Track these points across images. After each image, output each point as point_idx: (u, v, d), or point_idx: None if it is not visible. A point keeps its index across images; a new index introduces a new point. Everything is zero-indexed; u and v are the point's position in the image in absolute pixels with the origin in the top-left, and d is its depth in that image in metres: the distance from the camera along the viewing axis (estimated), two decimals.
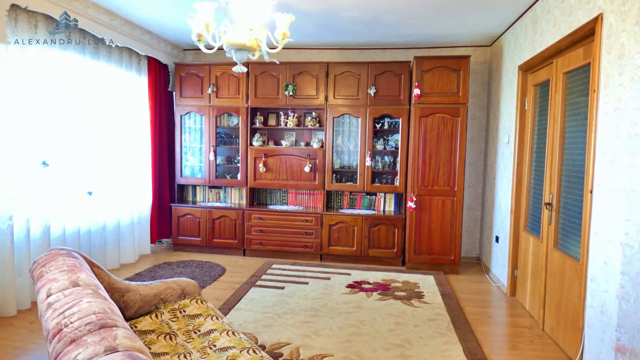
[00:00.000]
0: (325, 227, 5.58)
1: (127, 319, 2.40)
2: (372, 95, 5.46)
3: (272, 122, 6.04)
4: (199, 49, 6.21)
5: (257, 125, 5.93)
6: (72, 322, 1.49)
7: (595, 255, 2.83)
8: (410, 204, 5.23)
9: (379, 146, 5.66)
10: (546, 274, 3.67)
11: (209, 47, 4.69)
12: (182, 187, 6.27)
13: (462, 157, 5.15)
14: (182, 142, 6.06)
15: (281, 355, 3.05)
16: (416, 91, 5.13)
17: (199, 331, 2.40)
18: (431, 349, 3.23)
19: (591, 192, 2.90)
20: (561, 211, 3.49)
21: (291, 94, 5.63)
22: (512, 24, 4.72)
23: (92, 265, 2.29)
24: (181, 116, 6.00)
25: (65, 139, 4.29)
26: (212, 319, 2.52)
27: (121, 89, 5.10)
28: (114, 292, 2.36)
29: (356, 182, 5.71)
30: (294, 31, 5.01)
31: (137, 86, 5.41)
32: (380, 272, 5.15)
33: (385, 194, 5.84)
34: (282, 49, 3.40)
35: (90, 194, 4.67)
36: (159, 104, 5.79)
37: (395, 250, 5.47)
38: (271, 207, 5.94)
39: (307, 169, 5.66)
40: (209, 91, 5.81)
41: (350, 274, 5.03)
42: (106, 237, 4.97)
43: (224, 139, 6.11)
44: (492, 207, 5.33)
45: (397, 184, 5.62)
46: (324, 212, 5.63)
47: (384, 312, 3.92)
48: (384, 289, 4.54)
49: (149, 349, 2.18)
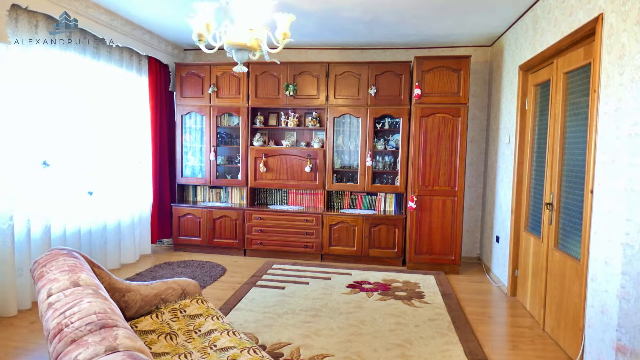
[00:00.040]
0: (325, 227, 5.58)
1: (127, 319, 2.40)
2: (373, 95, 5.46)
3: (272, 122, 6.04)
4: (200, 49, 6.22)
5: (258, 125, 5.93)
6: (72, 322, 1.49)
7: (595, 255, 2.83)
8: (410, 204, 5.23)
9: (380, 146, 5.66)
10: (547, 274, 3.67)
11: (210, 47, 4.69)
12: (183, 187, 6.28)
13: (463, 157, 5.15)
14: (183, 142, 6.07)
15: (282, 355, 3.05)
16: (417, 91, 5.13)
17: (200, 331, 2.40)
18: (432, 349, 3.23)
19: (592, 192, 2.90)
20: (562, 211, 3.49)
21: (292, 94, 5.63)
22: (513, 24, 4.72)
23: (92, 265, 2.29)
24: (182, 116, 6.01)
25: (65, 139, 4.30)
26: (212, 319, 2.53)
27: (122, 89, 5.10)
28: (114, 292, 2.36)
29: (357, 182, 5.71)
30: (294, 31, 5.01)
31: (137, 86, 5.41)
32: (380, 272, 5.15)
33: (385, 194, 5.84)
34: (283, 49, 3.40)
35: (90, 194, 4.68)
36: (160, 104, 5.80)
37: (395, 250, 5.47)
38: (272, 207, 5.94)
39: (307, 169, 5.66)
40: (210, 91, 5.81)
41: (350, 274, 5.03)
42: (107, 237, 4.97)
43: (224, 139, 6.11)
44: (492, 207, 5.32)
45: (397, 184, 5.62)
46: (324, 212, 5.64)
47: (385, 312, 3.92)
48: (385, 289, 4.54)
49: (150, 349, 2.18)
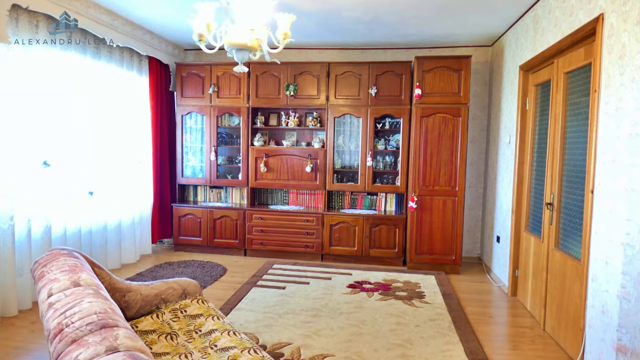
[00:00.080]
0: (326, 227, 5.58)
1: (128, 319, 2.40)
2: (373, 95, 5.46)
3: (273, 122, 6.04)
4: (200, 49, 6.22)
5: (258, 125, 5.93)
6: (73, 322, 1.49)
7: (596, 255, 2.83)
8: (411, 204, 5.23)
9: (380, 146, 5.66)
10: (547, 274, 3.67)
11: (210, 47, 4.69)
12: (183, 187, 6.28)
13: (463, 157, 5.14)
14: (183, 142, 6.07)
15: (282, 355, 3.05)
16: (417, 91, 5.13)
17: (200, 331, 2.40)
18: (432, 349, 3.23)
19: (592, 192, 2.90)
20: (562, 211, 3.49)
21: (292, 94, 5.63)
22: (513, 24, 4.71)
23: (93, 265, 2.29)
24: (182, 116, 6.01)
25: (66, 139, 4.30)
26: (213, 319, 2.53)
27: (122, 89, 5.11)
28: (115, 292, 2.36)
29: (357, 182, 5.71)
30: (295, 31, 5.01)
31: (138, 86, 5.41)
32: (381, 272, 5.15)
33: (386, 194, 5.84)
34: (283, 49, 3.40)
35: (91, 194, 4.68)
36: (160, 104, 5.80)
37: (396, 250, 5.47)
38: (272, 207, 5.94)
39: (308, 169, 5.66)
40: (210, 91, 5.81)
41: (351, 274, 5.03)
42: (107, 237, 4.97)
43: (225, 139, 6.11)
44: (493, 207, 5.32)
45: (398, 184, 5.61)
46: (325, 212, 5.64)
47: (385, 312, 3.92)
48: (385, 289, 4.54)
49: (150, 349, 2.18)
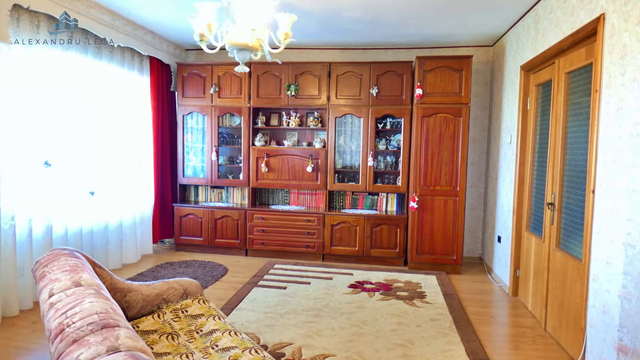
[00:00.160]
0: (327, 227, 5.58)
1: (129, 319, 2.40)
2: (374, 95, 5.46)
3: (274, 122, 6.04)
4: (201, 49, 6.20)
5: (260, 125, 5.93)
6: (74, 322, 1.49)
7: (597, 255, 2.83)
8: (412, 204, 5.22)
9: (381, 146, 5.66)
10: (548, 274, 3.66)
11: (211, 47, 4.68)
12: (184, 187, 6.28)
13: (464, 157, 5.14)
14: (185, 142, 6.07)
15: (283, 355, 3.06)
16: (418, 91, 5.13)
17: (201, 331, 2.40)
18: (433, 349, 3.23)
19: (593, 192, 2.89)
20: (563, 211, 3.49)
21: (293, 94, 5.63)
22: (514, 24, 4.71)
23: (94, 265, 2.30)
24: (183, 116, 6.01)
25: (67, 139, 4.30)
26: (214, 319, 2.53)
27: (123, 89, 5.11)
28: (116, 292, 2.37)
29: (358, 182, 5.71)
30: (296, 31, 5.01)
31: (139, 86, 5.42)
32: (382, 272, 5.15)
33: (387, 194, 5.84)
34: (285, 49, 3.41)
35: (92, 194, 4.69)
36: (161, 104, 5.80)
37: (397, 250, 5.47)
38: (273, 207, 5.95)
39: (309, 169, 5.66)
40: (211, 91, 5.82)
41: (352, 274, 5.03)
42: (108, 237, 4.98)
43: (226, 139, 6.12)
44: (494, 207, 5.32)
45: (399, 184, 5.61)
46: (326, 212, 5.64)
47: (386, 312, 3.92)
48: (386, 289, 4.54)
49: (151, 349, 2.19)
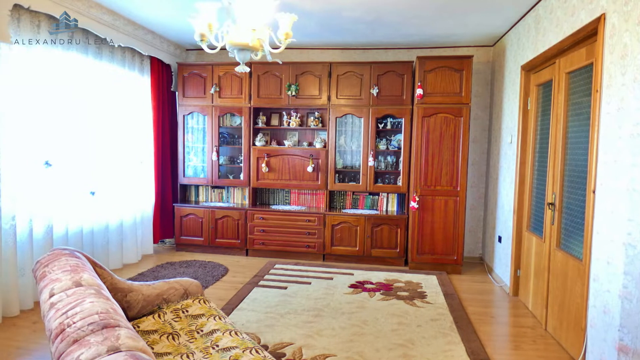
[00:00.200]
0: (327, 227, 5.58)
1: (129, 319, 2.41)
2: (375, 95, 5.46)
3: (274, 122, 6.04)
4: (202, 49, 6.22)
5: (260, 125, 5.93)
6: (74, 322, 1.49)
7: (597, 255, 2.83)
8: (413, 204, 5.22)
9: (382, 146, 5.66)
10: (549, 274, 3.66)
11: (212, 47, 4.67)
12: (185, 187, 6.28)
13: (465, 157, 5.14)
14: (185, 142, 6.07)
15: (284, 355, 3.06)
16: (419, 91, 5.12)
17: (202, 331, 2.41)
18: (434, 349, 3.23)
19: (594, 192, 2.89)
20: (564, 211, 3.48)
21: (294, 94, 5.63)
22: (515, 24, 4.71)
23: (94, 265, 2.30)
24: (184, 116, 6.01)
25: (68, 139, 4.30)
26: (214, 319, 2.53)
27: (124, 89, 5.11)
28: (116, 292, 2.37)
29: (359, 182, 5.71)
30: (296, 31, 5.01)
31: (139, 86, 5.42)
32: (382, 272, 5.15)
33: (388, 194, 5.84)
34: (285, 49, 3.40)
35: (93, 194, 4.69)
36: (162, 104, 5.81)
37: (398, 250, 5.47)
38: (274, 207, 5.95)
39: (309, 169, 5.66)
40: (212, 91, 5.82)
41: (353, 274, 5.03)
42: (109, 237, 4.98)
43: (226, 139, 6.12)
44: (494, 207, 5.32)
45: (399, 184, 5.61)
46: (326, 212, 5.64)
47: (387, 312, 3.92)
48: (387, 289, 4.54)
49: (152, 349, 2.19)
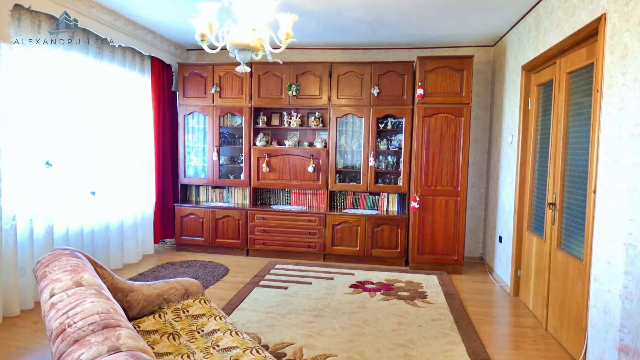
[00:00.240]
0: (328, 227, 5.58)
1: (130, 319, 2.41)
2: (376, 95, 5.46)
3: (275, 122, 6.04)
4: (203, 49, 6.20)
5: (261, 125, 5.93)
6: (75, 322, 1.49)
7: (598, 255, 2.82)
8: (413, 204, 5.22)
9: (382, 146, 5.66)
10: (549, 274, 3.66)
11: (212, 47, 4.66)
12: (186, 187, 6.29)
13: (466, 157, 5.14)
14: (186, 142, 6.08)
15: (284, 355, 3.06)
16: (419, 91, 5.12)
17: (202, 331, 2.41)
18: (434, 349, 3.22)
19: (594, 192, 2.89)
20: (564, 211, 3.48)
21: (294, 94, 5.63)
22: (516, 24, 4.70)
23: (95, 265, 2.30)
24: (184, 116, 6.01)
25: (68, 139, 4.31)
26: (215, 319, 2.53)
27: (124, 89, 5.11)
28: (117, 292, 2.37)
29: (359, 182, 5.71)
30: (297, 31, 5.01)
31: (140, 86, 5.42)
32: (383, 272, 5.14)
33: (388, 194, 5.84)
34: (286, 49, 3.41)
35: (93, 194, 4.69)
36: (163, 104, 5.81)
37: (398, 250, 5.46)
38: (274, 207, 5.95)
39: (310, 169, 5.66)
40: (212, 91, 5.82)
41: (353, 274, 5.03)
42: (109, 237, 4.98)
43: (227, 139, 6.12)
44: (495, 207, 5.31)
45: (400, 184, 5.61)
46: (327, 212, 5.64)
47: (387, 312, 3.92)
48: (387, 289, 4.54)
49: (153, 349, 2.19)
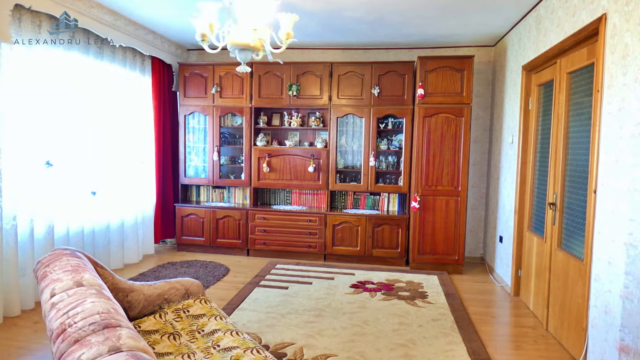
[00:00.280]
0: (329, 227, 5.58)
1: (131, 319, 2.41)
2: (376, 95, 5.46)
3: (276, 122, 6.04)
4: (203, 49, 6.21)
5: (261, 125, 5.93)
6: (76, 322, 1.49)
7: (599, 255, 2.82)
8: (414, 204, 5.22)
9: (383, 146, 5.65)
10: (550, 274, 3.66)
11: (213, 47, 4.66)
12: (186, 187, 6.29)
13: (466, 157, 5.14)
14: (186, 142, 6.08)
15: (285, 355, 3.06)
16: (420, 91, 5.12)
17: (203, 331, 2.41)
18: (435, 349, 3.22)
19: (595, 192, 2.89)
20: (565, 211, 3.48)
21: (295, 94, 5.63)
22: (516, 24, 4.70)
23: (95, 265, 2.30)
24: (185, 116, 6.02)
25: (69, 139, 4.31)
26: (215, 319, 2.53)
27: (125, 89, 5.12)
28: (117, 292, 2.37)
29: (360, 182, 5.71)
30: (297, 31, 5.01)
31: (141, 86, 5.42)
32: (384, 272, 5.14)
33: (389, 194, 5.84)
34: (286, 49, 3.40)
35: (94, 194, 4.69)
36: (163, 104, 5.81)
37: (399, 250, 5.46)
38: (275, 207, 5.95)
39: (310, 169, 5.66)
40: (213, 91, 5.82)
41: (354, 274, 5.03)
42: (110, 237, 4.98)
43: (227, 139, 6.12)
44: (495, 207, 5.31)
45: (400, 184, 5.60)
46: (327, 212, 5.63)
47: (388, 312, 3.92)
48: (388, 289, 4.54)
49: (153, 349, 2.19)
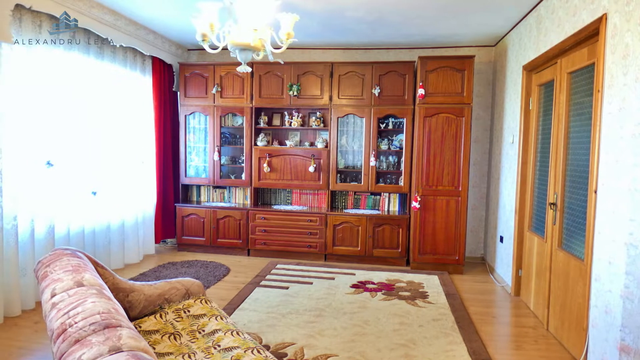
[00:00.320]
0: (329, 227, 5.58)
1: (131, 319, 2.41)
2: (377, 95, 5.46)
3: (276, 122, 6.04)
4: (204, 49, 6.21)
5: (262, 125, 5.93)
6: (76, 322, 1.50)
7: (599, 255, 2.82)
8: (414, 204, 5.22)
9: (384, 146, 5.65)
10: (550, 274, 3.66)
11: (213, 47, 4.66)
12: (187, 187, 6.29)
13: (467, 157, 5.13)
14: (187, 142, 6.08)
15: (285, 355, 3.06)
16: (420, 91, 5.12)
17: (203, 331, 2.41)
18: (435, 349, 3.22)
19: (595, 192, 2.89)
20: (565, 211, 3.48)
21: (295, 94, 5.63)
22: (517, 24, 4.70)
23: (96, 265, 2.30)
24: (185, 116, 6.02)
25: (69, 139, 4.31)
26: (216, 319, 2.53)
27: (125, 89, 5.12)
28: (118, 292, 2.37)
29: (360, 182, 5.71)
30: (298, 31, 5.01)
31: (141, 86, 5.43)
32: (384, 272, 5.14)
33: (389, 194, 5.83)
34: (287, 49, 3.41)
35: (94, 193, 4.70)
36: (164, 104, 5.81)
37: (399, 250, 5.46)
38: (275, 207, 5.95)
39: (311, 169, 5.66)
40: (214, 91, 5.82)
41: (354, 274, 5.03)
42: (110, 237, 4.99)
43: (228, 139, 6.12)
44: (496, 207, 5.31)
45: (401, 184, 5.60)
46: (328, 212, 5.64)
47: (388, 312, 3.92)
48: (388, 289, 4.54)
49: (154, 349, 2.19)
